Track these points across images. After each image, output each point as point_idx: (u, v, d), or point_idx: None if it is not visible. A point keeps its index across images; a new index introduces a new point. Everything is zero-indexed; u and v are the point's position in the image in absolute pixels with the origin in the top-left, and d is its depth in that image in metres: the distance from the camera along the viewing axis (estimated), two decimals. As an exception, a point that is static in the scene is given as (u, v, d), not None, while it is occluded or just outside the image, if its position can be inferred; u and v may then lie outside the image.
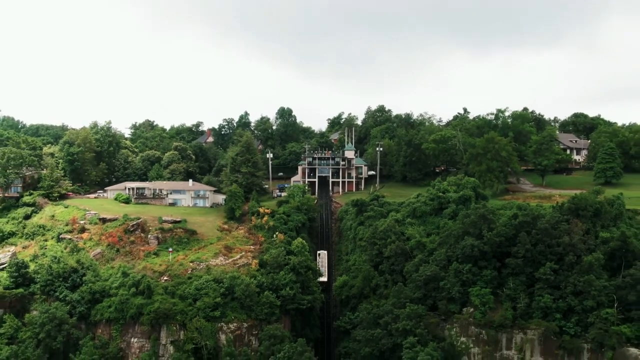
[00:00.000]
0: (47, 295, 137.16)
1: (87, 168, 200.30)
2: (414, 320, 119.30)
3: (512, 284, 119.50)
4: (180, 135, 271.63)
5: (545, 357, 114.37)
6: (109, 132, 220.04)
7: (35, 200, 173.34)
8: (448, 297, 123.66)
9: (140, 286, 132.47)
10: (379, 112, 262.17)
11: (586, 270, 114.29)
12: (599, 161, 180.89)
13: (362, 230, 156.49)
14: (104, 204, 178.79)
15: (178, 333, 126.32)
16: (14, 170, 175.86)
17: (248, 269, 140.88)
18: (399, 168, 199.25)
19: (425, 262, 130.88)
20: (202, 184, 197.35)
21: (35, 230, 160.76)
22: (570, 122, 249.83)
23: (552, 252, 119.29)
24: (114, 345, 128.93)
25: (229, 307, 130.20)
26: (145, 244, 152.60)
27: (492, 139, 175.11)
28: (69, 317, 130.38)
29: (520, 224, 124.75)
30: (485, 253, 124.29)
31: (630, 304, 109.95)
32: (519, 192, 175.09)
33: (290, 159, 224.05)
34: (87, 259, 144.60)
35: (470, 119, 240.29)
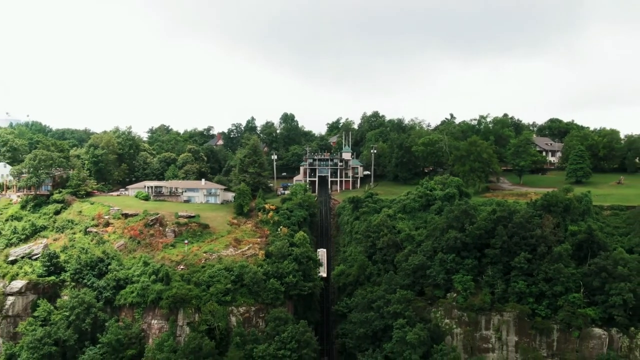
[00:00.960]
0: (77, 282, 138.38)
1: (110, 168, 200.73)
2: (404, 304, 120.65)
3: (491, 271, 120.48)
4: (193, 138, 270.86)
5: (519, 336, 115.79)
6: (130, 136, 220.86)
7: (64, 198, 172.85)
8: (434, 283, 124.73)
9: (160, 274, 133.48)
10: (374, 118, 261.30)
11: (556, 260, 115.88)
12: (571, 162, 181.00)
13: (358, 224, 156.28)
14: (126, 200, 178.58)
15: (193, 315, 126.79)
16: (44, 171, 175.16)
17: (255, 259, 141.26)
18: (391, 168, 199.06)
19: (413, 252, 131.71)
20: (214, 183, 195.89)
21: (64, 224, 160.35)
22: (547, 127, 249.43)
23: (526, 243, 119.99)
24: (136, 326, 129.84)
25: (239, 292, 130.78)
26: (163, 237, 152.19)
27: (474, 143, 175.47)
28: (96, 302, 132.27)
29: (498, 218, 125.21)
30: (467, 244, 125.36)
31: (594, 289, 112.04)
32: (498, 190, 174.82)
33: (292, 160, 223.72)
34: (112, 250, 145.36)
35: (456, 123, 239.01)
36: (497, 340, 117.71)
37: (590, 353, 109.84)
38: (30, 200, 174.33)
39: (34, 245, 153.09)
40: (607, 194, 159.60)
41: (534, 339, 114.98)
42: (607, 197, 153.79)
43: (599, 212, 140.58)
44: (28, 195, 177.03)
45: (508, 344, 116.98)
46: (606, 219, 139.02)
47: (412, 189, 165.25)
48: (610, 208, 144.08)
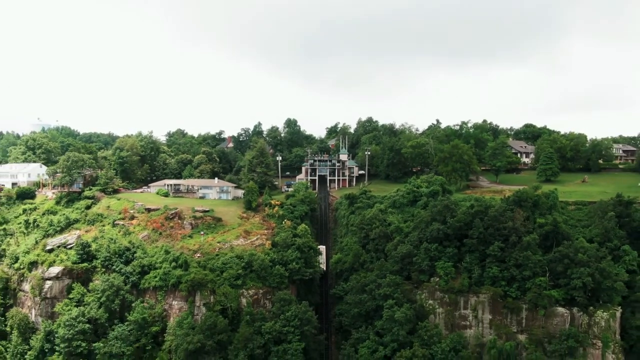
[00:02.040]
0: (106, 268, 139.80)
1: (134, 168, 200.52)
2: (393, 287, 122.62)
3: (469, 258, 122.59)
4: (206, 141, 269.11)
5: (493, 315, 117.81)
6: (151, 140, 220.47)
7: (94, 194, 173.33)
8: (419, 269, 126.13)
9: (179, 261, 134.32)
10: (368, 123, 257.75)
11: (525, 248, 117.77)
12: (541, 163, 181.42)
13: (353, 218, 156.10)
14: (148, 197, 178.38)
15: (209, 297, 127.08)
16: (76, 171, 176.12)
17: (263, 248, 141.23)
18: (383, 168, 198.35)
19: (402, 242, 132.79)
20: (225, 181, 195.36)
21: (94, 217, 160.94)
22: (522, 131, 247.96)
23: (499, 234, 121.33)
24: (159, 306, 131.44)
25: (248, 277, 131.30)
26: (181, 229, 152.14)
27: (456, 146, 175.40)
28: (123, 285, 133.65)
29: (476, 212, 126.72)
30: (448, 235, 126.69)
31: (558, 274, 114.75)
32: (477, 187, 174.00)
33: (295, 161, 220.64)
34: (137, 240, 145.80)
35: (441, 128, 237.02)
36: (474, 318, 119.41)
37: (554, 329, 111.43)
38: (64, 197, 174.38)
39: (69, 236, 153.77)
40: (572, 191, 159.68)
41: (506, 317, 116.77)
42: (572, 194, 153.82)
43: (564, 207, 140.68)
44: (62, 192, 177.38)
45: (483, 322, 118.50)
46: (570, 213, 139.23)
47: (401, 186, 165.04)
48: (574, 203, 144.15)
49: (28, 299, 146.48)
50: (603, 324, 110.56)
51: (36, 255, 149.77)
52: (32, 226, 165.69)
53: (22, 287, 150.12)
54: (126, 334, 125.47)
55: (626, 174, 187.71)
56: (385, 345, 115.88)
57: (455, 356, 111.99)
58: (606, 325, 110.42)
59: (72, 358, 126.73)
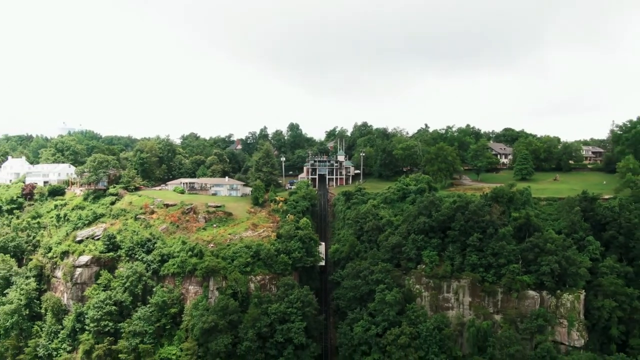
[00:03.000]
0: (130, 257, 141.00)
1: (153, 168, 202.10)
2: (384, 273, 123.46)
3: (451, 248, 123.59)
4: (217, 144, 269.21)
5: (472, 297, 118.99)
6: (168, 143, 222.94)
7: (118, 191, 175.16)
8: (407, 257, 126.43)
9: (194, 250, 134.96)
10: (363, 127, 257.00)
11: (501, 239, 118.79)
12: (517, 163, 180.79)
13: (349, 212, 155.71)
14: (166, 194, 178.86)
15: (221, 282, 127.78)
16: (102, 170, 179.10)
17: (269, 239, 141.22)
18: (376, 168, 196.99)
19: (392, 234, 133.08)
20: (235, 179, 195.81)
21: (118, 212, 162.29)
22: (502, 134, 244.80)
23: (478, 226, 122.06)
24: (177, 291, 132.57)
25: (256, 265, 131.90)
26: (196, 222, 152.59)
27: (442, 148, 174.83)
28: (145, 272, 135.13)
29: (458, 207, 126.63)
30: (433, 227, 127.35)
31: (529, 261, 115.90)
32: (460, 185, 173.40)
33: (297, 161, 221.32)
34: (157, 232, 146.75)
35: (429, 132, 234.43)
36: (456, 301, 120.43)
37: (525, 310, 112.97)
38: (90, 194, 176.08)
39: (96, 228, 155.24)
40: (544, 188, 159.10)
41: (483, 299, 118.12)
42: (544, 191, 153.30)
43: (536, 203, 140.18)
44: (89, 189, 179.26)
45: (464, 303, 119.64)
46: (542, 208, 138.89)
47: (392, 184, 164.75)
48: (545, 199, 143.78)
49: (60, 284, 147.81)
50: (569, 305, 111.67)
51: (67, 246, 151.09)
52: (63, 220, 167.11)
53: (55, 274, 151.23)
54: (148, 314, 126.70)
55: (594, 173, 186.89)
56: (377, 324, 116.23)
57: (439, 334, 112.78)
58: (571, 307, 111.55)
59: (100, 336, 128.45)
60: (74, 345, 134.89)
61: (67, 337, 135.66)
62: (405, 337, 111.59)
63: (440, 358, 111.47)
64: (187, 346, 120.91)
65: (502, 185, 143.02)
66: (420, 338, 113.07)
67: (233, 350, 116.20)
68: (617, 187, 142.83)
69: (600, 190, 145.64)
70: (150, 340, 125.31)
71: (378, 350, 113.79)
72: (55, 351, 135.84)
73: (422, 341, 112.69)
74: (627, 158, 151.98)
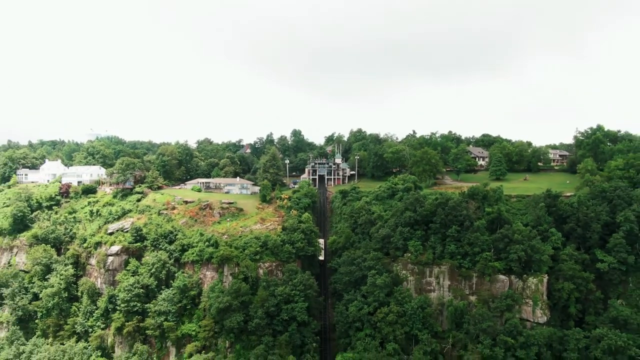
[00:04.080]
0: (155, 247, 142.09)
1: (173, 170, 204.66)
2: (375, 261, 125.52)
3: (433, 239, 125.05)
4: (228, 148, 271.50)
5: (451, 281, 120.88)
6: (186, 147, 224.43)
7: (143, 190, 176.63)
8: (395, 247, 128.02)
9: (211, 241, 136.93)
10: (358, 133, 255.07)
11: (475, 230, 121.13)
12: (492, 165, 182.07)
13: (345, 208, 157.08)
14: (185, 192, 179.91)
15: (234, 268, 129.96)
16: (129, 172, 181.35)
17: (275, 231, 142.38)
18: (369, 169, 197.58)
19: (382, 226, 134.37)
20: (245, 179, 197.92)
21: (144, 208, 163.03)
22: (480, 140, 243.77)
23: (456, 219, 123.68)
24: (196, 276, 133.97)
25: (264, 253, 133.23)
26: (212, 217, 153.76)
27: (426, 151, 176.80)
28: (168, 260, 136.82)
29: (439, 203, 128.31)
30: (418, 221, 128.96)
31: (500, 250, 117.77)
32: (442, 184, 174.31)
33: (300, 163, 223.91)
34: (178, 225, 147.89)
35: (416, 137, 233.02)
36: (437, 284, 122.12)
37: (496, 291, 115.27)
38: (119, 192, 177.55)
39: (124, 222, 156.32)
40: (515, 187, 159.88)
41: (460, 283, 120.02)
42: (515, 189, 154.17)
43: (507, 199, 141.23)
44: (117, 188, 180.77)
45: (443, 286, 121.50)
46: (512, 204, 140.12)
47: (383, 184, 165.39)
48: (516, 196, 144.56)
49: (94, 271, 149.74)
50: (533, 287, 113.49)
51: (100, 237, 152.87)
52: (95, 215, 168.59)
53: (90, 262, 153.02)
54: (171, 296, 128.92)
55: (559, 174, 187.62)
56: (369, 304, 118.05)
57: (422, 312, 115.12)
58: (536, 288, 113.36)
59: (130, 315, 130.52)
60: (106, 323, 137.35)
61: (100, 316, 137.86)
62: (393, 315, 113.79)
63: (423, 333, 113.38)
64: (205, 323, 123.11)
65: (478, 184, 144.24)
66: (406, 316, 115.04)
67: (244, 327, 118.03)
68: (578, 186, 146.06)
69: (563, 188, 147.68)
70: (173, 319, 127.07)
71: (370, 327, 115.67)
72: (90, 328, 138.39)
73: (408, 318, 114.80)
74: (586, 161, 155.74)
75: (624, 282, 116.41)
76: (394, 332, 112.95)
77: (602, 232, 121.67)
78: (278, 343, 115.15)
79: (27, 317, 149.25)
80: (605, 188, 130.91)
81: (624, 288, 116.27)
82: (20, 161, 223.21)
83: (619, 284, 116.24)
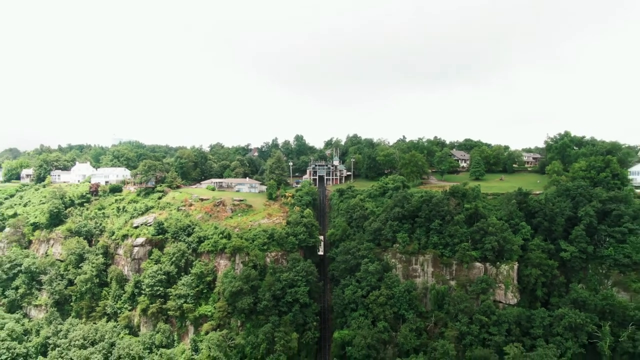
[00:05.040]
0: (175, 238, 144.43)
1: (189, 171, 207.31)
2: (368, 250, 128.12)
3: (418, 231, 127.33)
4: (238, 151, 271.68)
5: (434, 268, 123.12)
6: (201, 151, 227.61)
7: (163, 189, 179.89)
8: (385, 238, 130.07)
9: (224, 233, 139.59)
10: (354, 137, 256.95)
11: (455, 224, 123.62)
12: (472, 167, 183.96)
13: (342, 204, 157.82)
14: (201, 191, 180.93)
15: (245, 257, 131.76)
16: (151, 173, 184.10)
17: (280, 225, 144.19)
18: (363, 171, 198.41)
19: (374, 221, 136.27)
20: (253, 179, 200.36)
21: (164, 205, 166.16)
22: (463, 144, 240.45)
23: (439, 214, 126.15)
24: (211, 264, 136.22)
25: (271, 244, 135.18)
26: (225, 212, 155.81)
27: (414, 155, 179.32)
28: (187, 250, 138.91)
29: (424, 200, 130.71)
30: (405, 216, 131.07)
31: (476, 241, 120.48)
32: (428, 184, 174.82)
33: (302, 165, 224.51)
34: (195, 220, 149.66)
35: (405, 141, 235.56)
36: (421, 271, 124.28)
37: (473, 276, 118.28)
38: (142, 191, 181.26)
39: (148, 217, 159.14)
40: (492, 186, 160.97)
41: (442, 269, 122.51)
42: (491, 188, 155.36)
43: (484, 197, 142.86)
44: (141, 188, 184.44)
45: (427, 273, 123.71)
46: (488, 201, 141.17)
47: (375, 183, 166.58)
48: (492, 194, 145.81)
49: (122, 260, 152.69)
50: (505, 273, 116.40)
51: (126, 230, 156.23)
52: (122, 211, 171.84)
53: (118, 252, 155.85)
54: (189, 282, 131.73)
55: (532, 174, 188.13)
56: (362, 288, 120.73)
57: (409, 295, 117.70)
58: (507, 274, 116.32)
59: (154, 298, 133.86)
60: (133, 305, 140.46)
61: (128, 299, 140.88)
62: (383, 297, 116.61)
63: (409, 313, 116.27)
64: (219, 305, 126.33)
65: (458, 184, 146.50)
66: (394, 298, 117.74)
67: (254, 308, 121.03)
68: (546, 185, 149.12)
69: (533, 187, 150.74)
70: (192, 301, 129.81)
71: (363, 308, 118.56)
72: (119, 309, 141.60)
73: (396, 300, 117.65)
74: (554, 163, 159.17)
75: (584, 268, 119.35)
76: (384, 312, 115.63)
77: (565, 225, 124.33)
78: (283, 322, 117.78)
79: (63, 301, 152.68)
80: (569, 187, 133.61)
81: (584, 274, 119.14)
82: (53, 163, 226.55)
83: (580, 270, 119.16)
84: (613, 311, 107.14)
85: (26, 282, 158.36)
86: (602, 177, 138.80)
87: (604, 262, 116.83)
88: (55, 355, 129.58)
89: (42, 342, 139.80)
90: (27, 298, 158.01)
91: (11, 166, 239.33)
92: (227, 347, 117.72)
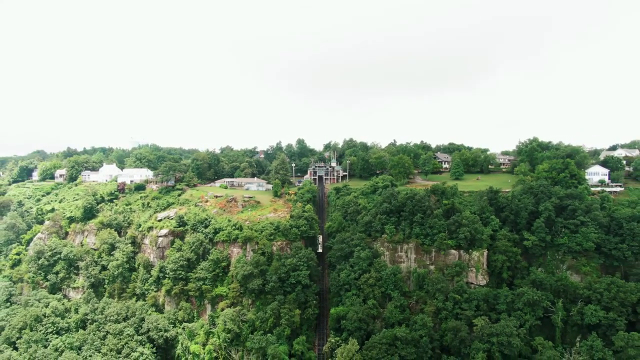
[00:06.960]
0: (194, 230, 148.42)
1: (204, 171, 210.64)
2: (360, 240, 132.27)
3: (403, 224, 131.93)
4: (246, 154, 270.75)
5: (416, 255, 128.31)
6: (214, 154, 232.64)
7: (182, 187, 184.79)
8: (375, 230, 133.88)
9: (237, 226, 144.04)
10: (350, 141, 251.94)
11: (435, 217, 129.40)
12: (453, 168, 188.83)
13: (338, 201, 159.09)
14: (215, 189, 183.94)
15: (254, 246, 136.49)
16: (171, 173, 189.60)
17: (285, 218, 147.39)
18: (358, 171, 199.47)
19: (366, 215, 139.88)
20: (260, 179, 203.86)
21: (184, 201, 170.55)
22: (447, 147, 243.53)
23: (421, 209, 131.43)
24: (225, 252, 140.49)
25: (277, 234, 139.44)
26: (236, 207, 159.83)
27: (401, 157, 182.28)
28: (204, 239, 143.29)
29: (408, 197, 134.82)
30: (392, 210, 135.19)
31: (452, 232, 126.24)
32: (413, 183, 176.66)
33: (303, 166, 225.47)
34: (210, 214, 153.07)
35: (395, 145, 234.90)
36: (406, 257, 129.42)
37: (449, 262, 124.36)
38: (163, 189, 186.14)
39: (169, 212, 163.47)
40: (469, 184, 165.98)
41: (423, 256, 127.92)
42: (468, 186, 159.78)
43: (461, 194, 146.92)
44: (162, 186, 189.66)
45: (411, 259, 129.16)
46: (464, 198, 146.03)
47: (368, 182, 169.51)
48: (468, 192, 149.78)
49: (148, 248, 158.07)
50: (476, 259, 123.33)
51: (151, 223, 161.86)
52: (146, 206, 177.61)
53: (144, 242, 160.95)
54: (207, 266, 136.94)
55: (505, 175, 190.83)
56: (355, 272, 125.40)
57: (394, 277, 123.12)
58: (478, 260, 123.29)
59: (176, 281, 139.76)
60: (158, 287, 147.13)
61: (154, 282, 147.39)
62: (372, 279, 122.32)
63: (395, 292, 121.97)
64: (233, 286, 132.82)
65: (438, 183, 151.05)
66: (382, 280, 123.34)
67: (263, 288, 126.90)
68: (514, 184, 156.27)
69: (504, 186, 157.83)
70: (209, 283, 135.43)
71: (355, 288, 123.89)
72: (146, 291, 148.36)
73: (384, 282, 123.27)
74: (522, 165, 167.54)
75: (543, 255, 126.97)
76: (373, 292, 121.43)
77: (528, 218, 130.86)
78: (287, 300, 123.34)
79: (98, 283, 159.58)
80: (533, 185, 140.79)
81: (543, 259, 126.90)
82: (83, 165, 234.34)
83: (540, 256, 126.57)
84: (566, 290, 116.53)
85: (65, 267, 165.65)
86: (561, 177, 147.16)
87: (560, 249, 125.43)
88: (94, 328, 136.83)
89: (82, 317, 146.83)
90: (66, 281, 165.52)
91: (46, 167, 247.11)
92: (240, 321, 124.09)
